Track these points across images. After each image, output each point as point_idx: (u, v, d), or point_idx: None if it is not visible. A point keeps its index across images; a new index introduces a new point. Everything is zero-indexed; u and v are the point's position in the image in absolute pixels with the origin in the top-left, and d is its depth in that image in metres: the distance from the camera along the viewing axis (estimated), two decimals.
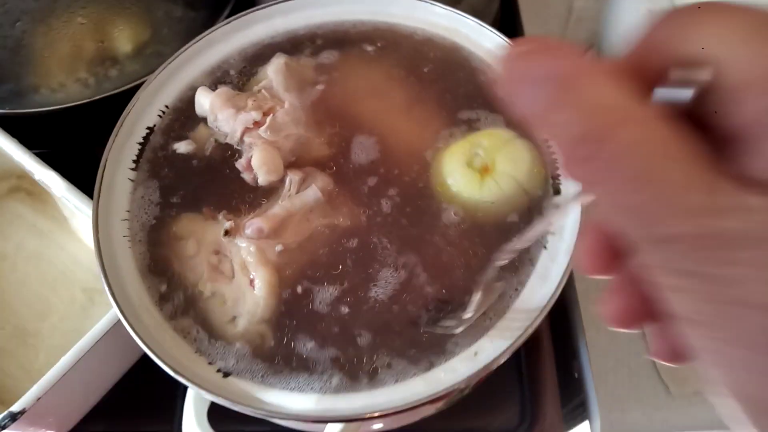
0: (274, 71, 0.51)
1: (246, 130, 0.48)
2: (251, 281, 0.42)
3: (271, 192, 0.47)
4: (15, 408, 0.48)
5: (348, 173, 0.47)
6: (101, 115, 0.65)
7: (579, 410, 0.60)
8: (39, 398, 0.48)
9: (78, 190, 0.57)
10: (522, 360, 0.60)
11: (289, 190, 0.46)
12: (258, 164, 0.45)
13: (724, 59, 0.17)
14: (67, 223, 0.68)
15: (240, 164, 0.47)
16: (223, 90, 0.50)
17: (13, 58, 0.69)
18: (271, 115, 0.48)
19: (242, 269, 0.43)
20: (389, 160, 0.48)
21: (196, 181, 0.48)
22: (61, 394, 0.50)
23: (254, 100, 0.49)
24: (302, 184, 0.46)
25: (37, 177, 0.60)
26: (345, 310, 0.42)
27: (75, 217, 0.66)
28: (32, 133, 0.68)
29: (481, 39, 0.52)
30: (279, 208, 0.45)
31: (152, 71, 0.58)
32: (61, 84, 0.71)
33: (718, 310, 0.17)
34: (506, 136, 0.45)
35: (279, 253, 0.43)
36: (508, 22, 0.79)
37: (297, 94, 0.51)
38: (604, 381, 0.55)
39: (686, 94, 0.17)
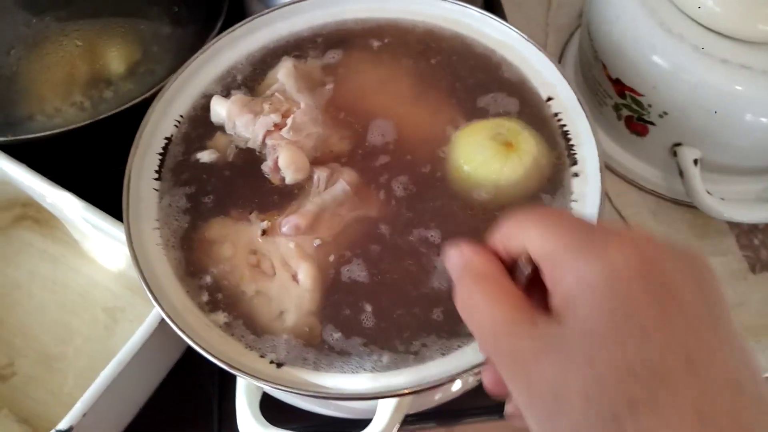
0: (284, 74, 0.52)
1: (267, 133, 0.49)
2: (294, 276, 0.43)
3: (296, 191, 0.48)
4: (62, 426, 0.48)
5: (370, 166, 0.49)
6: (102, 137, 0.66)
7: None
8: (85, 414, 0.48)
9: (96, 209, 0.57)
10: None
11: (318, 186, 0.47)
12: (285, 164, 0.46)
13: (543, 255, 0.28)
14: (78, 246, 0.68)
15: (266, 166, 0.48)
16: (237, 97, 0.51)
17: (9, 86, 0.69)
18: (291, 116, 0.49)
19: (283, 266, 0.44)
20: (406, 146, 0.49)
21: (221, 187, 0.49)
22: (105, 408, 0.50)
23: (270, 104, 0.50)
24: (329, 180, 0.47)
25: (49, 200, 0.60)
26: (385, 293, 0.43)
27: (87, 239, 0.66)
28: (34, 159, 0.69)
29: (483, 27, 0.54)
30: (311, 204, 0.46)
31: (147, 90, 0.59)
32: (57, 109, 0.71)
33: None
34: (522, 125, 0.48)
35: (317, 247, 0.45)
36: (490, 11, 0.81)
37: (309, 95, 0.52)
38: None
39: (526, 272, 0.30)
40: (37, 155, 0.70)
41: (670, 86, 0.55)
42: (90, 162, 0.71)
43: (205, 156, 0.50)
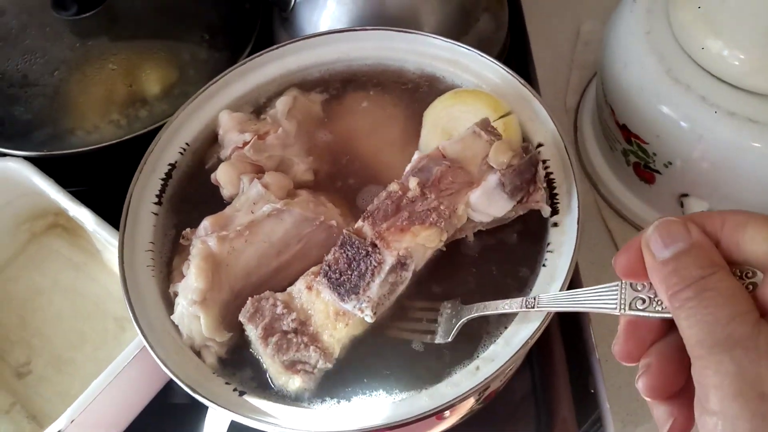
0: (282, 102, 0.55)
1: (235, 149, 0.51)
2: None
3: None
4: (52, 429, 0.51)
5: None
6: (132, 153, 0.70)
7: (597, 426, 0.60)
8: (72, 420, 0.51)
9: (108, 225, 0.60)
10: (536, 375, 0.60)
11: (243, 191, 0.50)
12: (216, 179, 0.51)
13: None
14: (100, 255, 0.72)
15: (213, 178, 0.51)
16: (237, 114, 0.54)
17: (51, 105, 0.74)
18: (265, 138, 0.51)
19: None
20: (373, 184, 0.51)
21: (207, 206, 0.51)
22: (94, 416, 0.53)
23: (255, 125, 0.53)
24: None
25: (71, 213, 0.64)
26: None
27: (107, 249, 0.70)
28: (69, 172, 0.73)
29: (483, 69, 0.55)
30: (229, 208, 0.49)
31: None
32: (96, 126, 0.75)
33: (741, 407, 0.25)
34: None
35: (220, 240, 0.46)
36: (517, 48, 0.81)
37: (297, 124, 0.54)
38: (618, 395, 0.56)
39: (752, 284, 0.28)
40: (74, 169, 0.75)
41: (674, 136, 0.54)
42: (121, 177, 0.75)
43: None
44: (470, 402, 0.47)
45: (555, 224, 0.46)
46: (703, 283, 0.27)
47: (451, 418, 0.50)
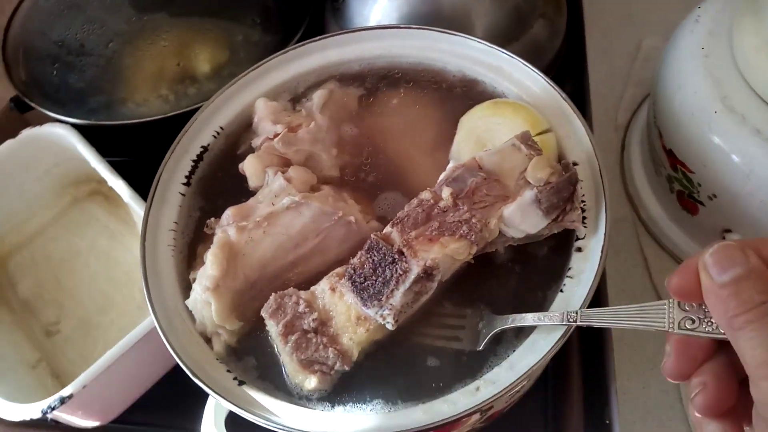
0: (318, 95, 0.55)
1: (265, 140, 0.51)
2: None
3: None
4: (65, 392, 0.53)
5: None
6: (176, 130, 0.71)
7: None
8: (85, 386, 0.53)
9: (140, 198, 0.62)
10: (549, 398, 0.59)
11: (267, 184, 0.50)
12: (243, 170, 0.51)
13: None
14: (136, 227, 0.74)
15: (240, 167, 0.51)
16: (273, 103, 0.54)
17: (103, 75, 0.76)
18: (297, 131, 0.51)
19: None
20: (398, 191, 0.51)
21: (234, 193, 0.52)
22: (106, 385, 0.55)
23: (289, 116, 0.53)
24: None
25: (109, 183, 0.66)
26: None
27: (141, 221, 0.72)
28: (115, 142, 0.76)
29: (525, 78, 0.53)
30: (252, 199, 0.49)
31: None
32: (145, 99, 0.77)
33: None
34: None
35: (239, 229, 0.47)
36: (573, 59, 0.78)
37: (331, 118, 0.53)
38: (631, 431, 0.54)
39: None
40: (120, 139, 0.77)
41: (722, 168, 0.51)
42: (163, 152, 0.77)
43: None
44: (472, 420, 0.46)
45: (579, 249, 0.44)
46: (765, 308, 0.29)
47: None
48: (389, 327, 0.42)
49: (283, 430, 0.40)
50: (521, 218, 0.43)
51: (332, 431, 0.40)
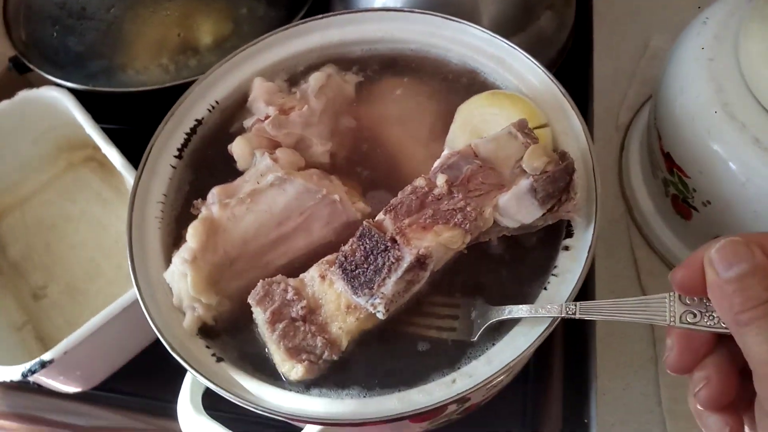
0: (314, 77, 0.54)
1: (257, 121, 0.51)
2: None
3: None
4: (45, 357, 0.53)
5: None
6: (174, 101, 0.70)
7: None
8: (66, 352, 0.53)
9: (132, 168, 0.61)
10: (528, 393, 0.59)
11: (255, 165, 0.50)
12: (231, 151, 0.51)
13: None
14: (127, 195, 0.74)
15: (229, 150, 0.51)
16: (269, 84, 0.54)
17: (104, 40, 0.75)
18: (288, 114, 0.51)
19: None
20: (390, 181, 0.49)
21: (224, 169, 0.51)
22: (87, 352, 0.55)
23: (283, 98, 0.52)
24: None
25: (102, 150, 0.65)
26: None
27: None
28: (112, 109, 0.75)
29: (525, 71, 0.52)
30: (239, 179, 0.49)
31: None
32: (145, 67, 0.76)
33: None
34: None
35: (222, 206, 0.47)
36: (578, 53, 0.77)
37: (325, 103, 0.53)
38: None
39: None
40: (117, 107, 0.76)
41: (718, 175, 0.50)
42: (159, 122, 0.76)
43: None
44: (447, 410, 0.46)
45: (566, 248, 0.44)
46: None
47: (425, 423, 0.49)
48: (380, 316, 0.41)
49: (255, 408, 0.40)
50: (516, 207, 0.43)
51: (305, 413, 0.40)
